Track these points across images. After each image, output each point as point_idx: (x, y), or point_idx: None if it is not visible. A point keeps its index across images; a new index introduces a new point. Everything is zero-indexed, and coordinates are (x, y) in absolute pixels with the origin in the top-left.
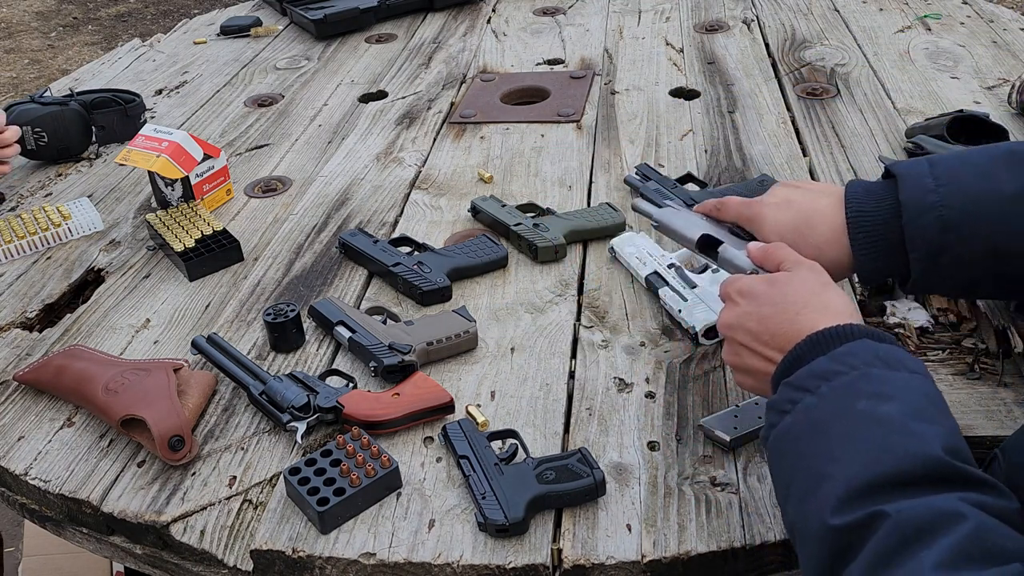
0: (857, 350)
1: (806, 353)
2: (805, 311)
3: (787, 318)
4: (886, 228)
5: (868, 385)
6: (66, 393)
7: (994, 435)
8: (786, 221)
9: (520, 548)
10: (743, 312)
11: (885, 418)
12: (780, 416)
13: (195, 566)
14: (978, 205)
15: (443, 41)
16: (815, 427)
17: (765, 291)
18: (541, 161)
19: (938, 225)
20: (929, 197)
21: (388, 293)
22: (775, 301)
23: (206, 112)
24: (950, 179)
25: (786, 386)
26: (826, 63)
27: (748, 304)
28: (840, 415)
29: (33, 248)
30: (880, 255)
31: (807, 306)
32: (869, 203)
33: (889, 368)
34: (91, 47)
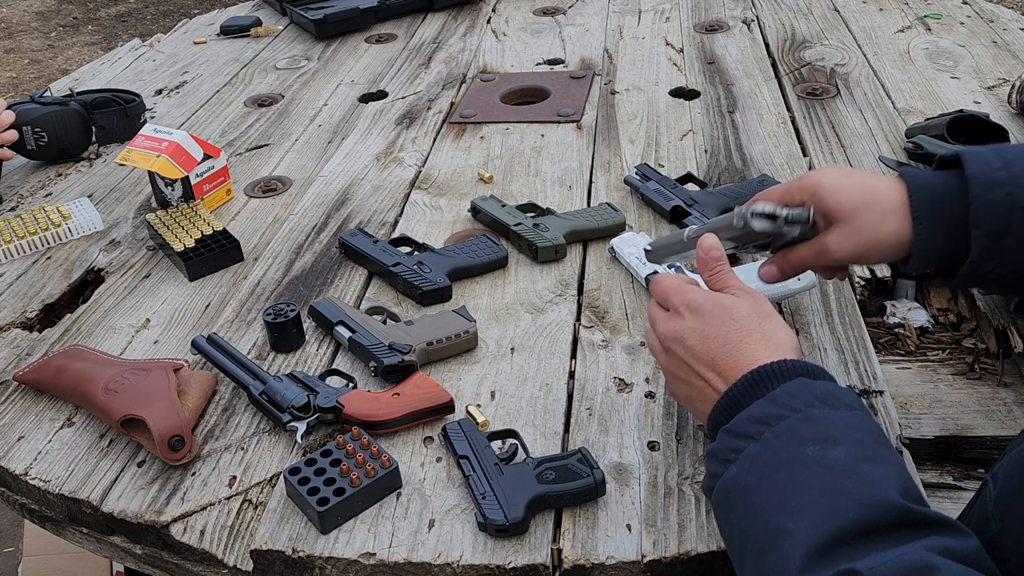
0: (795, 390)
1: (743, 394)
2: (748, 339)
3: (729, 343)
4: (949, 203)
5: (812, 428)
6: (66, 393)
7: (994, 435)
8: (851, 187)
9: (520, 548)
10: (687, 327)
11: (835, 463)
12: (723, 465)
13: (195, 566)
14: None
15: (443, 41)
16: (764, 478)
17: (711, 310)
18: (541, 161)
19: (1006, 202)
20: (998, 174)
21: (388, 293)
22: (720, 323)
23: (206, 112)
24: (1016, 160)
25: (726, 434)
26: (826, 63)
27: (692, 319)
28: (788, 463)
29: (33, 248)
30: (941, 232)
31: (751, 334)
32: (931, 181)
33: (829, 407)
34: (91, 47)
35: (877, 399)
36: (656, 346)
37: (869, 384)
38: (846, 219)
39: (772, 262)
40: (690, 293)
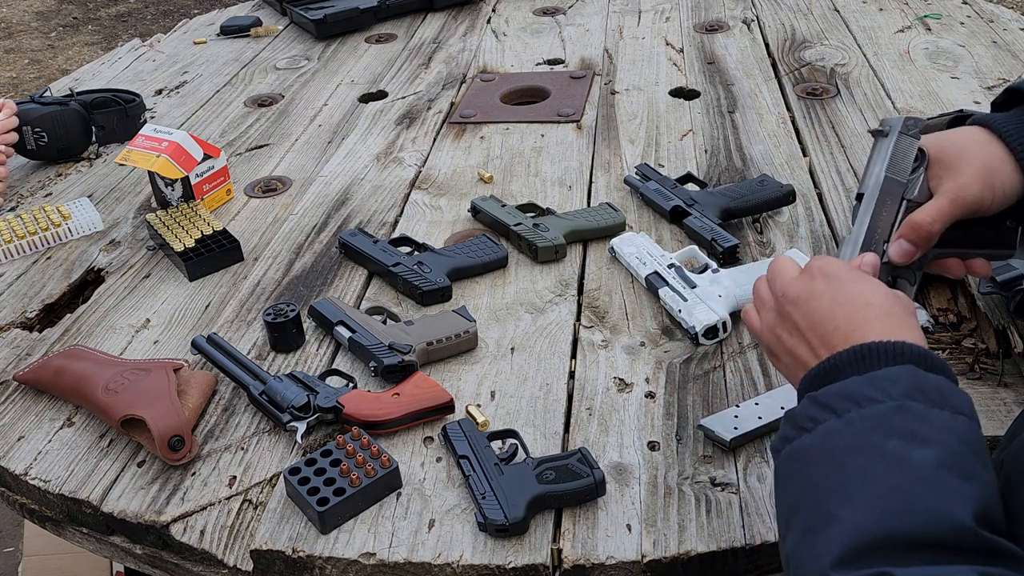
0: (898, 376)
1: (844, 366)
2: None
3: (862, 317)
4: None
5: (904, 421)
6: (66, 393)
7: (994, 435)
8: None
9: (520, 548)
10: (817, 290)
11: (917, 464)
12: (798, 432)
13: (195, 566)
14: None
15: (443, 41)
16: (833, 456)
17: (852, 279)
18: (541, 161)
19: None
20: None
21: (388, 293)
22: (859, 294)
23: (206, 112)
24: None
25: (811, 401)
26: (826, 63)
27: (826, 284)
28: (865, 450)
29: (33, 248)
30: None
31: (888, 315)
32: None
33: (931, 404)
34: (91, 47)
35: None
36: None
37: None
38: (961, 155)
39: (902, 236)
40: (829, 261)
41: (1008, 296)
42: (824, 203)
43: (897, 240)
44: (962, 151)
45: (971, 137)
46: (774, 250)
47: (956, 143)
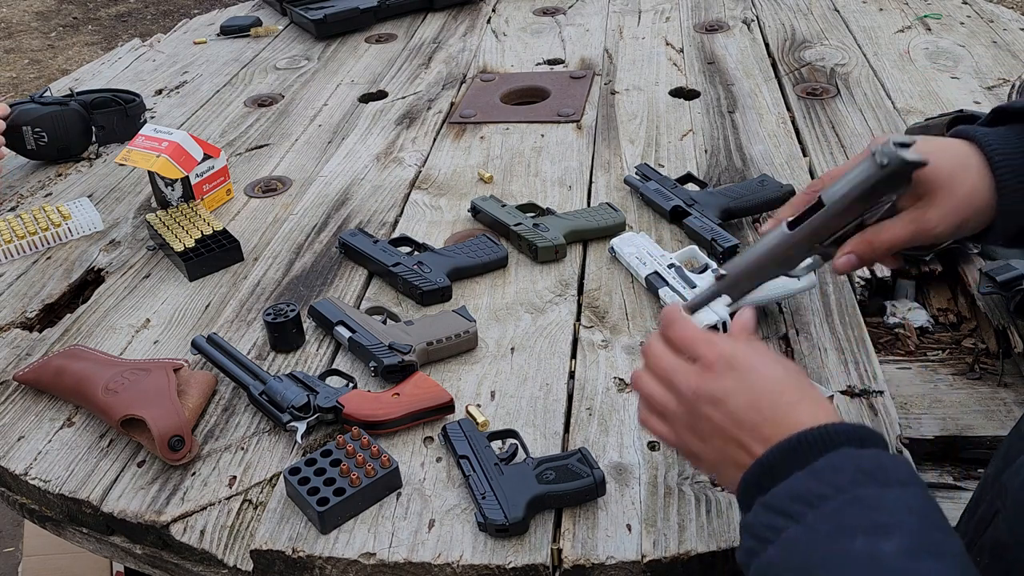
0: (840, 463)
1: (782, 462)
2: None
3: (779, 406)
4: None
5: (860, 513)
6: (66, 393)
7: (994, 435)
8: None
9: (520, 548)
10: (727, 387)
11: (887, 558)
12: (761, 544)
13: (195, 566)
14: None
15: (443, 41)
16: (806, 568)
17: (756, 367)
18: (541, 161)
19: None
20: None
21: (388, 293)
22: (769, 382)
23: (206, 112)
24: None
25: (764, 508)
26: (826, 63)
27: (733, 378)
28: (834, 558)
29: (33, 248)
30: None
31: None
32: (1008, 143)
33: (879, 485)
34: (91, 47)
35: (877, 399)
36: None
37: (869, 384)
38: (943, 186)
39: (851, 249)
40: (723, 344)
41: (1008, 296)
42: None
43: (848, 254)
44: (945, 185)
45: (959, 164)
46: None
47: (942, 172)
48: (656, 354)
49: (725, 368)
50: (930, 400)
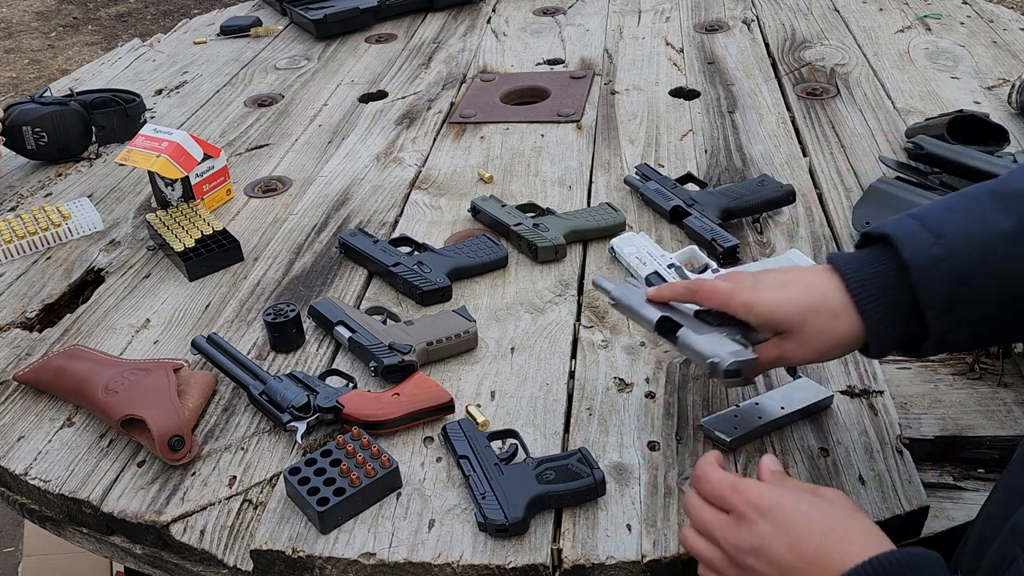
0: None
1: None
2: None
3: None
4: (894, 293)
5: None
6: (66, 393)
7: (994, 435)
8: (796, 298)
9: (520, 548)
10: (768, 534)
11: None
12: None
13: (195, 566)
14: (983, 249)
15: (443, 41)
16: None
17: (790, 506)
18: (541, 161)
19: (950, 277)
20: (933, 250)
21: (388, 293)
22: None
23: (206, 112)
24: (945, 227)
25: None
26: (826, 63)
27: (772, 524)
28: None
29: (33, 248)
30: (892, 321)
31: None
32: (867, 271)
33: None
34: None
35: (877, 399)
36: (716, 557)
37: (869, 384)
38: (798, 329)
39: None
40: (750, 491)
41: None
42: (824, 203)
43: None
44: (803, 323)
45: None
46: (774, 250)
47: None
48: (695, 508)
49: (756, 515)
50: (930, 400)
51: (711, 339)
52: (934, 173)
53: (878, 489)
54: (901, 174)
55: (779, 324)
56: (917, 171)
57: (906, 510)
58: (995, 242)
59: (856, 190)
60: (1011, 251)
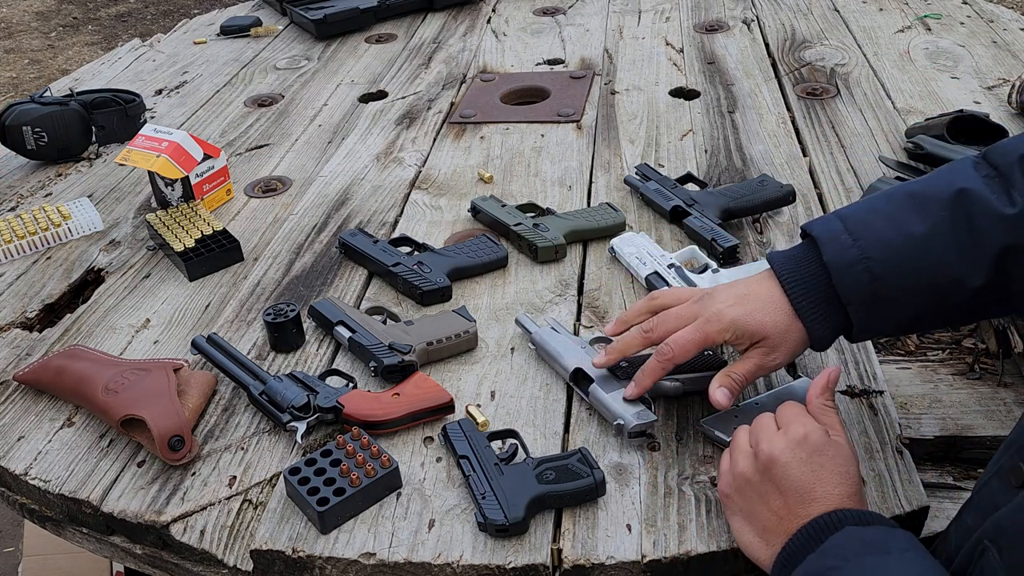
0: (844, 540)
1: (799, 550)
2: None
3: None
4: (822, 290)
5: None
6: (66, 393)
7: (994, 435)
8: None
9: (520, 548)
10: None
11: None
12: None
13: (195, 566)
14: (896, 251)
15: (443, 41)
16: None
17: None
18: (541, 161)
19: (865, 277)
20: (850, 252)
21: (388, 293)
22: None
23: (206, 112)
24: (863, 230)
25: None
26: (826, 63)
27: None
28: None
29: (33, 248)
30: (826, 316)
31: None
32: (799, 271)
33: (882, 553)
34: (91, 47)
35: (877, 399)
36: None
37: (869, 384)
38: (771, 334)
39: (723, 386)
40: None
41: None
42: (824, 203)
43: (720, 387)
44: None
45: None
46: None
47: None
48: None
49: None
50: (930, 400)
51: (619, 397)
52: None
53: (878, 489)
54: (901, 174)
55: (755, 334)
56: (917, 171)
57: (906, 510)
58: (909, 244)
59: (856, 190)
60: (921, 254)
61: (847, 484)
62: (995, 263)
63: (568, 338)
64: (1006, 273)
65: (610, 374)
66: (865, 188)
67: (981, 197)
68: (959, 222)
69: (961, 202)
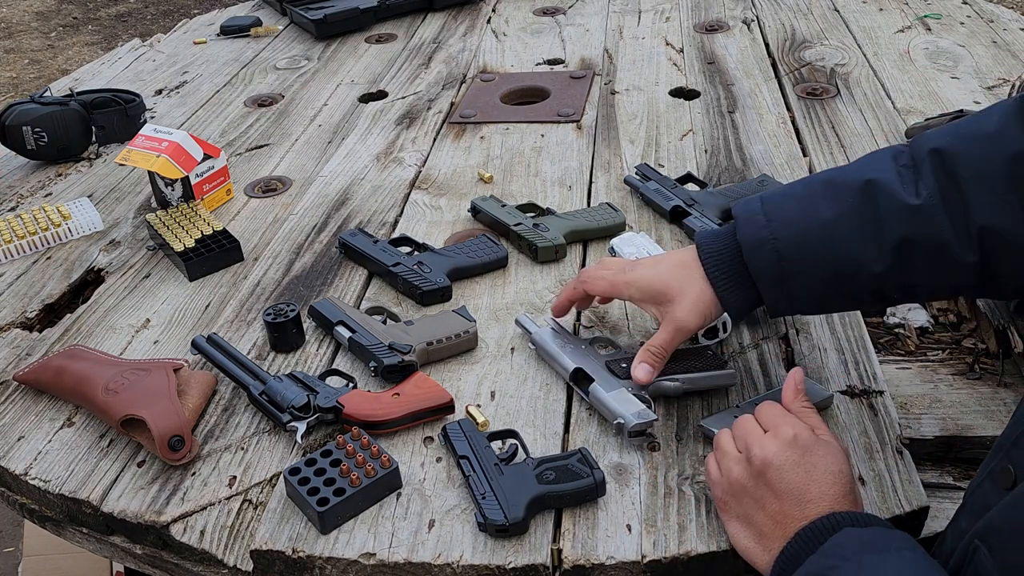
0: (842, 541)
1: (799, 552)
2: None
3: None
4: (734, 264)
5: (865, 574)
6: (66, 393)
7: (994, 435)
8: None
9: (520, 548)
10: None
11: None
12: None
13: (195, 566)
14: (803, 234)
15: (443, 41)
16: None
17: (823, 452)
18: (541, 161)
19: (774, 256)
20: (762, 232)
21: (388, 293)
22: (828, 468)
23: (206, 112)
24: (777, 213)
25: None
26: (826, 63)
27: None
28: None
29: (33, 248)
30: (738, 288)
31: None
32: (716, 245)
33: (880, 552)
34: (91, 47)
35: (877, 399)
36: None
37: (869, 384)
38: (677, 292)
39: (644, 361)
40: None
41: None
42: None
43: (641, 363)
44: (680, 287)
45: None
46: None
47: (674, 285)
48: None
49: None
50: (930, 400)
51: (619, 396)
52: None
53: (878, 489)
54: None
55: (659, 292)
56: None
57: (906, 510)
58: (814, 228)
59: None
60: (826, 238)
61: (841, 484)
62: (894, 251)
63: (568, 338)
64: (904, 264)
65: (610, 373)
66: None
67: (888, 188)
68: (865, 210)
69: (869, 191)
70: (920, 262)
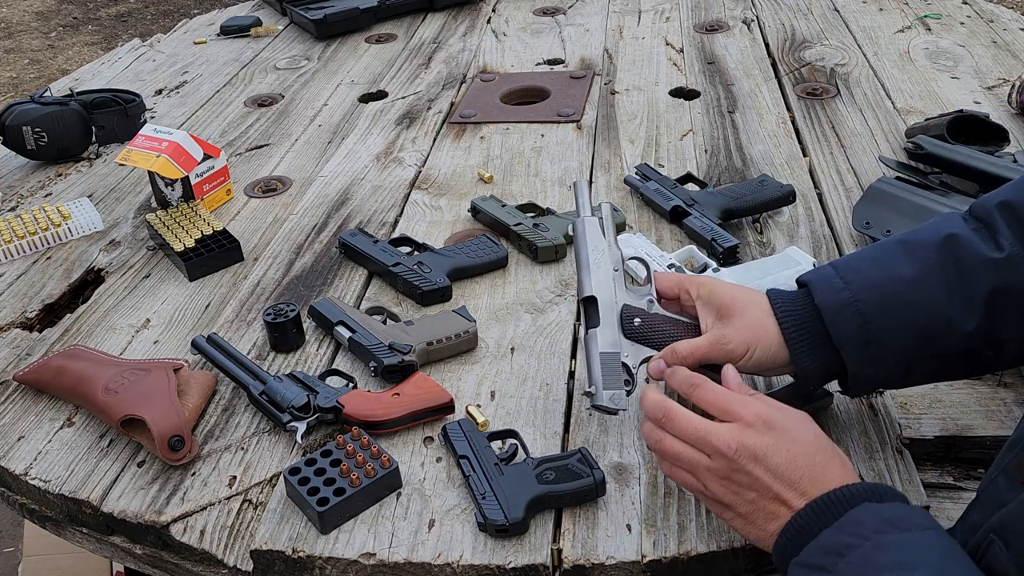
0: (863, 516)
1: (812, 522)
2: (832, 462)
3: (816, 464)
4: (813, 326)
5: (885, 556)
6: (66, 393)
7: (994, 435)
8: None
9: (520, 548)
10: (769, 444)
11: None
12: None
13: (195, 566)
14: (887, 295)
15: (443, 41)
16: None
17: (791, 426)
18: (541, 161)
19: (857, 319)
20: (841, 295)
21: (388, 293)
22: (806, 441)
23: (206, 112)
24: (853, 275)
25: (799, 567)
26: (826, 63)
27: (774, 435)
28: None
29: (33, 248)
30: (814, 351)
31: (834, 456)
32: (792, 306)
33: (900, 531)
34: (91, 47)
35: (877, 399)
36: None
37: None
38: (739, 311)
39: (663, 356)
40: (758, 405)
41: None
42: (824, 203)
43: (658, 359)
44: (744, 309)
45: (757, 301)
46: (774, 250)
47: (745, 301)
48: (683, 417)
49: (763, 427)
50: (930, 400)
51: (608, 362)
52: (934, 173)
53: None
54: (901, 174)
55: (724, 305)
56: (917, 171)
57: None
58: (897, 287)
59: (856, 190)
60: (911, 296)
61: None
62: (985, 305)
63: (611, 249)
64: (996, 317)
65: (620, 324)
66: (865, 188)
67: (969, 241)
68: (948, 265)
69: (950, 245)
70: (1012, 314)
